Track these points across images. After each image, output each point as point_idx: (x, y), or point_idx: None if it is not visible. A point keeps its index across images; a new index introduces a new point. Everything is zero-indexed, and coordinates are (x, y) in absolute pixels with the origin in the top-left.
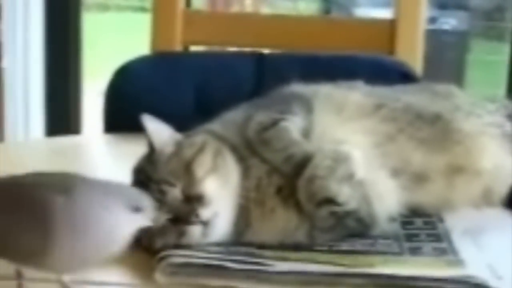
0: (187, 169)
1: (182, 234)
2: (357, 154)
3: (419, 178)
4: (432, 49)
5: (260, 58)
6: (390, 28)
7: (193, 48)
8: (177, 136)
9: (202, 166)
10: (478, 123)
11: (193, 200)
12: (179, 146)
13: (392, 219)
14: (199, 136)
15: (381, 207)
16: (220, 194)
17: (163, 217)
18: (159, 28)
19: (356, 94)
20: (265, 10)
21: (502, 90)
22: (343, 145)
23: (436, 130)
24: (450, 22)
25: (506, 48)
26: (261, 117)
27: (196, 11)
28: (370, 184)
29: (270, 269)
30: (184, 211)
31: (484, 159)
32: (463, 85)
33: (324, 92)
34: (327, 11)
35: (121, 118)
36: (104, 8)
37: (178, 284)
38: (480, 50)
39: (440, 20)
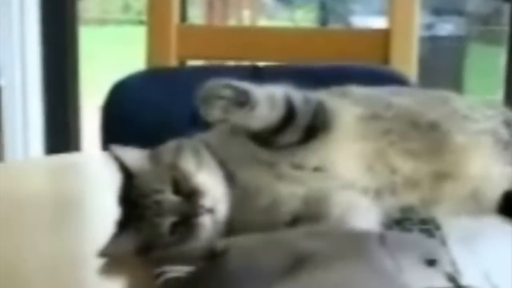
0: (173, 169)
1: (193, 229)
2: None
3: (409, 184)
4: (430, 55)
5: (255, 71)
6: (384, 37)
7: (191, 63)
8: (147, 152)
9: (187, 162)
10: (473, 129)
11: (191, 195)
12: (155, 157)
13: (388, 227)
14: (172, 142)
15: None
16: (212, 183)
17: (168, 223)
18: (154, 43)
19: (346, 105)
20: (263, 21)
21: (500, 94)
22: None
23: (430, 139)
24: (447, 28)
25: (504, 52)
26: None
27: (191, 25)
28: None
29: None
30: (188, 208)
31: (472, 166)
32: (462, 91)
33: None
34: (324, 20)
35: (118, 135)
36: (103, 22)
37: None
38: (478, 55)
39: (437, 26)
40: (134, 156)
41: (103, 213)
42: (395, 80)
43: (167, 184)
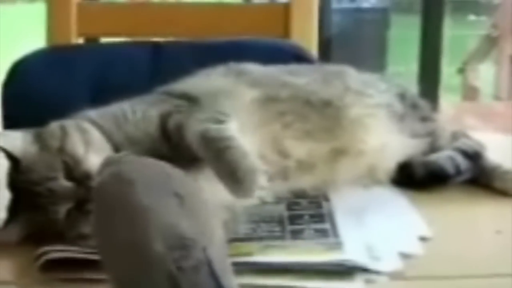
0: (62, 154)
1: (89, 214)
2: None
3: (303, 167)
4: (354, 27)
5: (156, 47)
6: (284, 12)
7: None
8: (30, 135)
9: (75, 144)
10: (366, 104)
11: (83, 180)
12: (40, 141)
13: (277, 201)
14: (54, 124)
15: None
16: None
17: (64, 210)
18: (54, 20)
19: (243, 88)
20: None
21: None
22: None
23: (324, 117)
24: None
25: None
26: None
27: (91, 2)
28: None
29: None
30: (82, 193)
31: (368, 140)
32: (386, 60)
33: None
34: None
35: (18, 113)
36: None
37: (57, 280)
38: (400, 26)
39: None
40: (18, 141)
41: None
42: (296, 54)
43: (59, 170)
